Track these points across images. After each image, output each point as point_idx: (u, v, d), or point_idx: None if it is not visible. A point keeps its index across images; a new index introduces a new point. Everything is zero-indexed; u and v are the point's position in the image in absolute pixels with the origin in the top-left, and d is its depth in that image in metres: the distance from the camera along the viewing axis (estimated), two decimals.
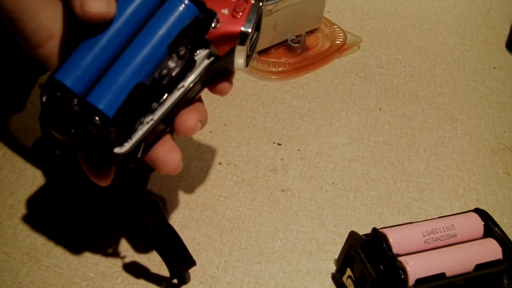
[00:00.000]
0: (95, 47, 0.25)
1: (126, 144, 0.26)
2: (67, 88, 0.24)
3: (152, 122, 0.27)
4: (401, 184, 0.41)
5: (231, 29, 0.27)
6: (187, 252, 0.31)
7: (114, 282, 0.33)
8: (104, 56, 0.25)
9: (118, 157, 0.26)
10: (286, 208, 0.39)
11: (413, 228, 0.32)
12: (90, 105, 0.24)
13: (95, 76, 0.25)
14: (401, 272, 0.29)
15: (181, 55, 0.27)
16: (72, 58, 0.25)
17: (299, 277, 0.35)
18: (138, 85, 0.25)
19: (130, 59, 0.25)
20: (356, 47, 0.54)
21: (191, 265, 0.32)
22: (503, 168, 0.43)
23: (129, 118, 0.26)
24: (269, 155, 0.42)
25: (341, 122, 0.46)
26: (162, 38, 0.26)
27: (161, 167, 0.28)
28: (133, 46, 0.26)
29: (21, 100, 0.44)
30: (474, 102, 0.49)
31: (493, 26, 0.59)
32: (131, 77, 0.25)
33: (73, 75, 0.25)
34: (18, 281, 0.33)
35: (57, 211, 0.37)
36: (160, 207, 0.30)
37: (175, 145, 0.29)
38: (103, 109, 0.24)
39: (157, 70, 0.26)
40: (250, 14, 0.28)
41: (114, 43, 0.25)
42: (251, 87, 0.48)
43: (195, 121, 0.28)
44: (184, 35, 0.26)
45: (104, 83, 0.25)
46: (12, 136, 0.42)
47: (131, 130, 0.26)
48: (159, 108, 0.27)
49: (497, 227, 0.32)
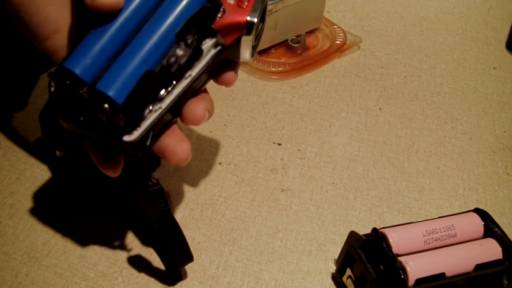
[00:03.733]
0: (104, 36, 0.25)
1: (135, 132, 0.26)
2: (76, 76, 0.24)
3: (160, 110, 0.27)
4: (401, 184, 0.41)
5: (237, 19, 0.28)
6: (187, 246, 0.32)
7: (114, 282, 0.33)
8: (113, 45, 0.25)
9: (127, 145, 0.26)
10: (286, 208, 0.39)
11: (413, 228, 0.32)
12: (99, 92, 0.24)
13: (103, 65, 0.25)
14: (401, 272, 0.29)
15: (189, 44, 0.27)
16: (81, 47, 0.25)
17: (299, 277, 0.35)
18: (147, 73, 0.25)
19: (138, 47, 0.25)
20: (356, 47, 0.54)
21: (189, 260, 0.32)
22: (503, 168, 0.43)
23: (138, 106, 0.26)
24: (269, 155, 0.42)
25: (341, 122, 0.46)
26: (170, 26, 0.26)
27: (171, 157, 0.28)
28: (142, 34, 0.26)
29: (23, 99, 0.44)
30: (474, 102, 0.49)
31: (493, 26, 0.59)
32: (140, 64, 0.25)
33: (82, 64, 0.25)
34: (18, 281, 0.33)
35: (57, 211, 0.37)
36: (165, 197, 0.30)
37: (184, 135, 0.29)
38: (113, 96, 0.24)
39: (165, 58, 0.26)
40: (255, 4, 0.28)
41: (122, 32, 0.26)
42: (251, 87, 0.48)
43: (202, 110, 0.28)
44: (192, 24, 0.27)
45: (113, 70, 0.25)
46: (12, 136, 0.42)
47: (139, 118, 0.26)
48: (167, 97, 0.27)
49: (497, 227, 0.32)
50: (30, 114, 0.43)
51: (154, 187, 0.29)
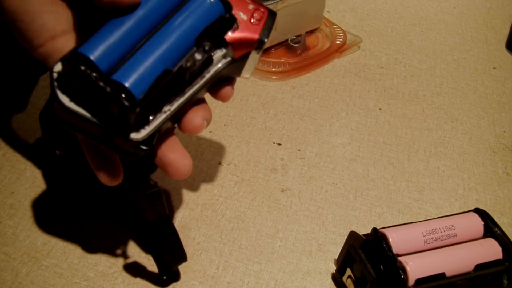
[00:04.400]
0: (122, 27, 0.24)
1: (142, 131, 0.26)
2: (92, 63, 0.23)
3: (168, 112, 0.27)
4: (401, 184, 0.41)
5: (249, 35, 0.28)
6: (181, 246, 0.31)
7: (114, 282, 0.33)
8: (130, 38, 0.25)
9: (132, 143, 0.25)
10: (286, 208, 0.39)
11: (413, 228, 0.32)
12: (117, 83, 0.24)
13: (120, 56, 0.24)
14: (401, 272, 0.29)
15: (206, 50, 0.27)
16: (98, 35, 0.24)
17: (299, 277, 0.35)
18: (165, 71, 0.25)
19: (158, 45, 0.25)
20: (356, 47, 0.54)
21: (182, 260, 0.32)
22: (503, 168, 0.43)
23: (150, 104, 0.25)
24: (269, 155, 0.42)
25: (341, 122, 0.46)
26: (190, 29, 0.26)
27: (173, 172, 0.28)
28: (162, 33, 0.25)
29: (23, 100, 0.44)
30: (474, 102, 0.49)
31: (493, 26, 0.59)
32: (159, 62, 0.25)
33: (98, 51, 0.24)
34: (18, 281, 0.33)
35: (57, 211, 0.37)
36: (162, 199, 0.30)
37: (186, 151, 0.29)
38: (131, 89, 0.24)
39: (183, 60, 0.26)
40: (267, 23, 0.29)
41: (140, 27, 0.25)
42: (251, 87, 0.48)
43: (201, 119, 0.29)
44: (210, 31, 0.27)
45: (131, 64, 0.24)
46: (12, 136, 0.42)
47: (147, 118, 0.26)
48: (177, 100, 0.27)
49: (497, 227, 0.32)
50: (30, 114, 0.43)
51: (152, 189, 0.29)
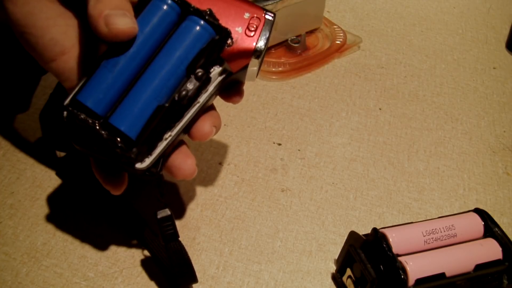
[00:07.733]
0: (115, 69, 0.26)
1: (147, 160, 0.27)
2: (90, 110, 0.25)
3: (170, 137, 0.28)
4: (401, 184, 0.41)
5: (245, 47, 0.28)
6: (192, 269, 0.31)
7: (114, 282, 0.33)
8: (124, 77, 0.26)
9: (138, 171, 0.27)
10: (286, 208, 0.39)
11: (413, 228, 0.32)
12: (113, 127, 0.25)
13: (116, 96, 0.26)
14: (401, 272, 0.29)
15: (199, 77, 0.27)
16: (94, 80, 0.26)
17: (299, 277, 0.35)
18: (158, 108, 0.26)
19: (149, 82, 0.26)
20: (356, 47, 0.54)
21: (192, 282, 0.33)
22: (503, 168, 0.43)
23: (150, 137, 0.27)
24: (269, 155, 0.42)
25: (341, 122, 0.46)
26: (179, 60, 0.26)
27: (177, 173, 0.29)
28: (152, 69, 0.26)
29: (25, 100, 0.44)
30: (474, 102, 0.49)
31: (493, 26, 0.59)
32: (151, 99, 0.26)
33: (95, 97, 0.25)
34: (18, 281, 0.33)
35: (57, 211, 0.37)
36: (173, 221, 0.30)
37: (189, 151, 0.30)
38: (127, 131, 0.25)
39: (176, 92, 0.27)
40: (263, 31, 0.29)
41: (133, 64, 0.26)
42: (251, 87, 0.48)
43: (210, 127, 0.29)
44: (201, 56, 0.27)
45: (126, 105, 0.26)
46: (12, 136, 0.42)
47: (151, 147, 0.27)
48: (177, 125, 0.28)
49: (497, 227, 0.32)
50: (30, 114, 0.43)
51: (163, 213, 0.30)
